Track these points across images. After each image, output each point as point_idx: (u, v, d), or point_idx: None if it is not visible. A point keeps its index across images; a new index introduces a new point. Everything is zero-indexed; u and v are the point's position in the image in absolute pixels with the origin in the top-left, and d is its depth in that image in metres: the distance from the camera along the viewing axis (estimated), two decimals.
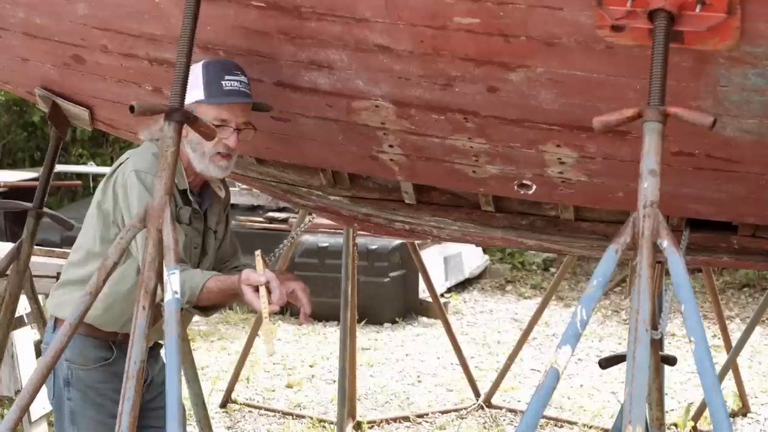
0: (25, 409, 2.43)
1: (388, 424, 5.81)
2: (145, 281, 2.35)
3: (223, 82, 2.70)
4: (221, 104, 2.71)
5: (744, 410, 5.99)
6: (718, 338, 6.34)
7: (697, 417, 5.63)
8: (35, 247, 4.30)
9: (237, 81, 2.72)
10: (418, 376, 6.78)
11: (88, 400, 2.89)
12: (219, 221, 2.99)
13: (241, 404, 6.09)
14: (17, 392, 4.85)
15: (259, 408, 6.04)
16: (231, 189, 3.16)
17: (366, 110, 2.89)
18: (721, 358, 5.93)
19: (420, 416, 5.93)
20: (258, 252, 2.64)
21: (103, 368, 2.89)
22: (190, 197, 2.83)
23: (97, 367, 2.89)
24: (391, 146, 3.05)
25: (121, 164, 2.82)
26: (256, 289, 2.58)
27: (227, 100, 2.71)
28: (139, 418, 2.93)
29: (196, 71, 2.72)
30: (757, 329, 6.88)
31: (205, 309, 2.78)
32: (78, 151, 12.38)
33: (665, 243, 2.04)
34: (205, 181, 2.90)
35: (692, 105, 2.35)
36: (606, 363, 2.94)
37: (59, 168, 9.26)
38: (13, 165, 12.44)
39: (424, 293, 8.18)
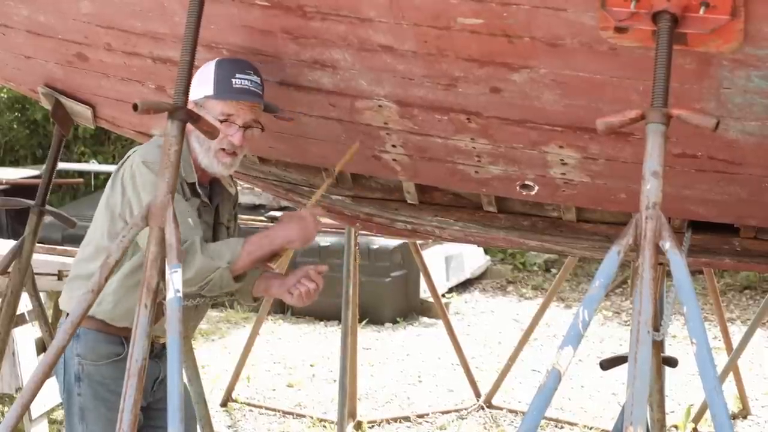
0: (26, 407, 2.42)
1: (389, 423, 5.80)
2: (147, 279, 2.34)
3: (233, 80, 2.72)
4: (228, 100, 2.73)
5: (744, 412, 5.98)
6: (719, 340, 6.33)
7: (697, 419, 5.63)
8: (37, 244, 4.30)
9: (248, 80, 2.74)
10: (419, 376, 6.78)
11: (98, 396, 2.86)
12: (230, 218, 3.01)
13: (241, 403, 6.08)
14: (18, 390, 4.85)
15: (260, 407, 6.03)
16: None
17: (369, 110, 2.89)
18: (721, 360, 5.92)
19: (420, 416, 5.92)
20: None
21: (115, 364, 2.85)
22: (199, 190, 2.84)
23: (108, 363, 2.85)
24: (393, 146, 3.05)
25: (127, 158, 2.82)
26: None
27: (235, 96, 2.73)
28: (152, 417, 2.96)
29: (209, 68, 2.75)
30: (758, 331, 6.85)
31: (240, 278, 2.77)
32: (80, 149, 12.40)
33: (667, 244, 2.04)
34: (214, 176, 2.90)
35: (695, 107, 2.35)
36: (607, 364, 2.93)
37: (61, 166, 9.25)
38: (15, 162, 12.46)
39: (425, 293, 8.18)
